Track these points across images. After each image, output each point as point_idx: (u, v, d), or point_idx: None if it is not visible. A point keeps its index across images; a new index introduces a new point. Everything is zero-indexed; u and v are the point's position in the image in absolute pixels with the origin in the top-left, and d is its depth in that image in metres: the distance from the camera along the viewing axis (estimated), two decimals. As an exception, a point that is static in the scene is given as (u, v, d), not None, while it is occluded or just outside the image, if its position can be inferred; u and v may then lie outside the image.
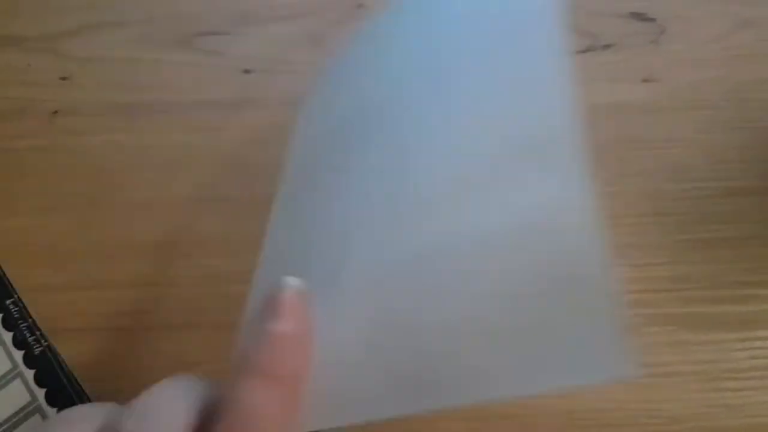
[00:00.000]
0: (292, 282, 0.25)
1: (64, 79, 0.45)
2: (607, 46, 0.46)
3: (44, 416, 0.36)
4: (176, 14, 0.46)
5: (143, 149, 0.43)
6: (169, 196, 0.42)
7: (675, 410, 0.39)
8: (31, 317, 0.39)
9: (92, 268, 0.41)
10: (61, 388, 0.37)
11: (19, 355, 0.38)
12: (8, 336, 0.38)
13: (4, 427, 0.36)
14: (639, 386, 0.39)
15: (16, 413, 0.36)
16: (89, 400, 0.37)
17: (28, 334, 0.38)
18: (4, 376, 0.37)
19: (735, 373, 0.39)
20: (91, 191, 0.42)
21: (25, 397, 0.37)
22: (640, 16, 0.46)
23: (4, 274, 0.40)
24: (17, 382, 0.37)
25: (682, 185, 0.43)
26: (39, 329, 0.38)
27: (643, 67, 0.45)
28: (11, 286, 0.39)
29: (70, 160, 0.43)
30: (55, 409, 0.36)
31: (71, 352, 0.38)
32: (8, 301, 0.39)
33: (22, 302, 0.39)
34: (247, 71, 0.45)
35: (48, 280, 0.41)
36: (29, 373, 0.37)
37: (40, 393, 0.37)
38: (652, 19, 0.46)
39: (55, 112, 0.44)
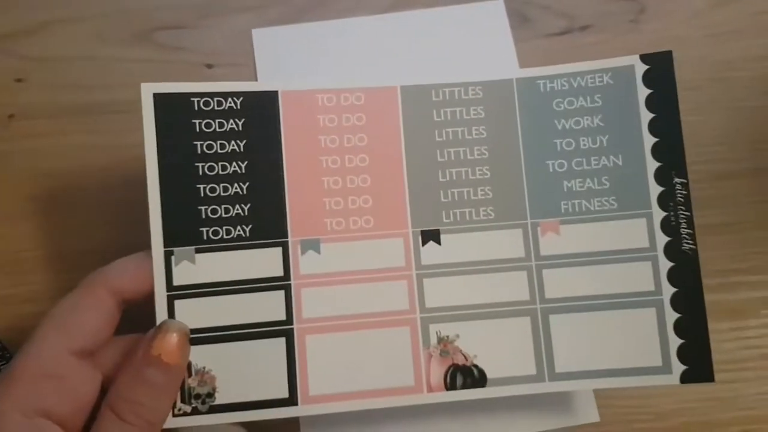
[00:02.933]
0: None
1: (19, 81, 0.43)
2: (584, 28, 0.44)
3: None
4: (134, 8, 0.44)
5: (105, 151, 0.42)
6: (134, 199, 0.40)
7: (663, 405, 0.38)
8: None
9: (56, 278, 0.40)
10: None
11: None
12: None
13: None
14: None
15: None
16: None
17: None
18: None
19: (726, 364, 0.38)
20: (51, 197, 0.41)
21: None
22: (618, -5, 0.45)
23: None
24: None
25: (666, 170, 0.41)
26: (8, 350, 0.36)
27: (623, 47, 0.44)
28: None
29: (29, 165, 0.41)
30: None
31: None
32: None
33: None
34: (209, 66, 0.43)
35: (8, 292, 0.39)
36: None
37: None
38: (631, -3, 0.45)
39: (11, 115, 0.42)
